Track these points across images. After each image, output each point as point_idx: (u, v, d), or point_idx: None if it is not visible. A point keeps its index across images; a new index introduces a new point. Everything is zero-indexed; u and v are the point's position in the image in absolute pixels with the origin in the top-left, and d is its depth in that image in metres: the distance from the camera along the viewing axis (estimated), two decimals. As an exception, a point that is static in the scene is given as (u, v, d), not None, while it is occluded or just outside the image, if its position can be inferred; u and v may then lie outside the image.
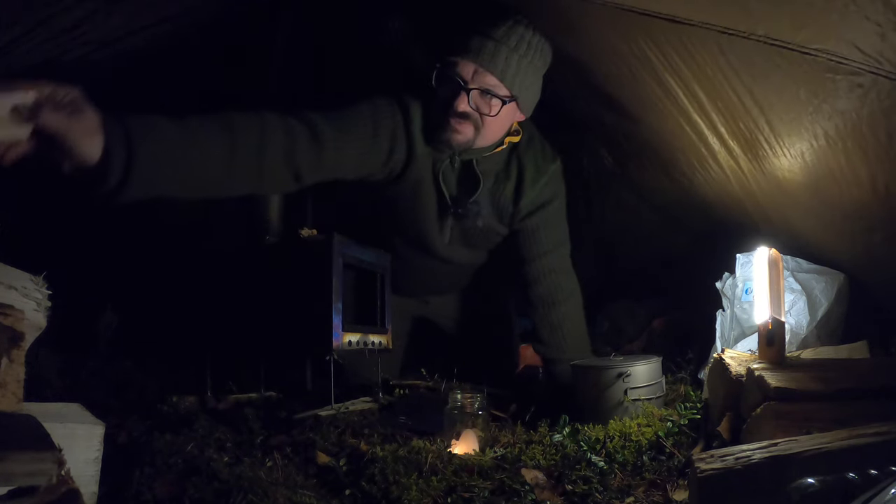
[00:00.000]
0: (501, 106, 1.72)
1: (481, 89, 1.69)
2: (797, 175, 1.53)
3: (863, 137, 1.27)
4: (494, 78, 1.69)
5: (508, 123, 1.84)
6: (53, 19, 1.49)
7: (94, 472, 1.01)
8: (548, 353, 2.08)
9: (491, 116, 1.73)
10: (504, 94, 1.71)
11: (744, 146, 1.59)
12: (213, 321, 1.91)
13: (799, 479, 0.81)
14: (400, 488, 1.24)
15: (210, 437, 1.42)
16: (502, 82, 1.69)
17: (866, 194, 1.39)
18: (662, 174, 2.16)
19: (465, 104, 1.70)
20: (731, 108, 1.48)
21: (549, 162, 1.99)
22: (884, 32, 1.03)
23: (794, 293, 1.75)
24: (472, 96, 1.70)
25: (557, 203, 2.04)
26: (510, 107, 1.76)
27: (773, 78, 1.29)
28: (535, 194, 1.97)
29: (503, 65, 1.68)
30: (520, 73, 1.70)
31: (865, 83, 1.15)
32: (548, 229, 2.03)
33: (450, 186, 1.92)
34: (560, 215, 2.07)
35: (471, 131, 1.75)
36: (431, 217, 1.97)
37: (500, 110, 1.73)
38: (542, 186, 1.97)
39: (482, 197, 1.93)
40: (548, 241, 2.03)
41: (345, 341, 1.76)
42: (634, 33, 1.46)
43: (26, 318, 0.97)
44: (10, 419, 0.87)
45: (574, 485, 1.26)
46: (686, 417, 1.52)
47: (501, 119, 1.77)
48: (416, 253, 2.11)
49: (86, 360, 1.95)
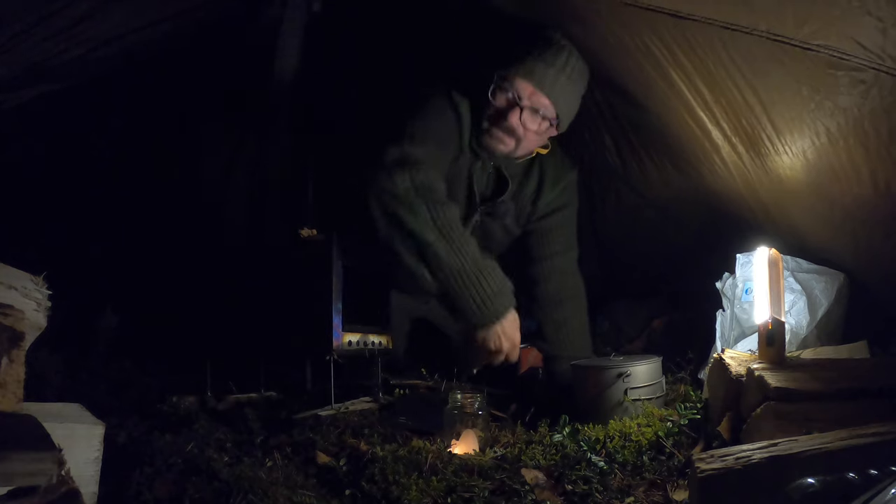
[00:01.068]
0: (549, 126, 1.88)
1: (533, 108, 1.83)
2: (799, 172, 1.53)
3: (864, 134, 1.27)
4: (547, 99, 1.83)
5: (545, 139, 1.98)
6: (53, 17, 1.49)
7: (94, 472, 1.01)
8: (551, 350, 2.12)
9: (534, 132, 1.87)
10: (552, 115, 1.86)
11: (746, 142, 1.60)
12: (214, 321, 1.91)
13: (799, 479, 0.81)
14: (400, 488, 1.24)
15: (210, 437, 1.42)
16: (553, 105, 1.84)
17: (867, 191, 1.39)
18: (666, 166, 2.16)
19: (516, 119, 1.83)
20: (734, 104, 1.49)
21: (568, 169, 2.14)
22: (885, 28, 1.03)
23: (794, 293, 1.74)
24: (524, 114, 1.83)
25: (570, 210, 2.16)
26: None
27: (775, 74, 1.29)
28: (552, 197, 2.09)
29: (558, 90, 1.82)
30: (565, 95, 1.85)
31: (867, 79, 1.15)
32: (559, 232, 2.13)
33: (480, 187, 2.02)
34: (572, 221, 2.18)
35: (513, 143, 1.88)
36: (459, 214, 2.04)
37: (545, 130, 1.89)
38: (560, 191, 2.10)
39: (506, 197, 2.04)
40: (558, 243, 2.13)
41: (345, 341, 1.76)
42: (639, 28, 1.46)
43: (26, 318, 0.97)
44: (10, 419, 0.87)
45: (574, 485, 1.26)
46: (686, 417, 1.51)
47: (541, 135, 1.92)
48: None
49: (86, 360, 1.95)
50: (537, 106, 1.82)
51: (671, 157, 2.11)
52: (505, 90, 1.83)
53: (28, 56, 1.61)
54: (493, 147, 1.89)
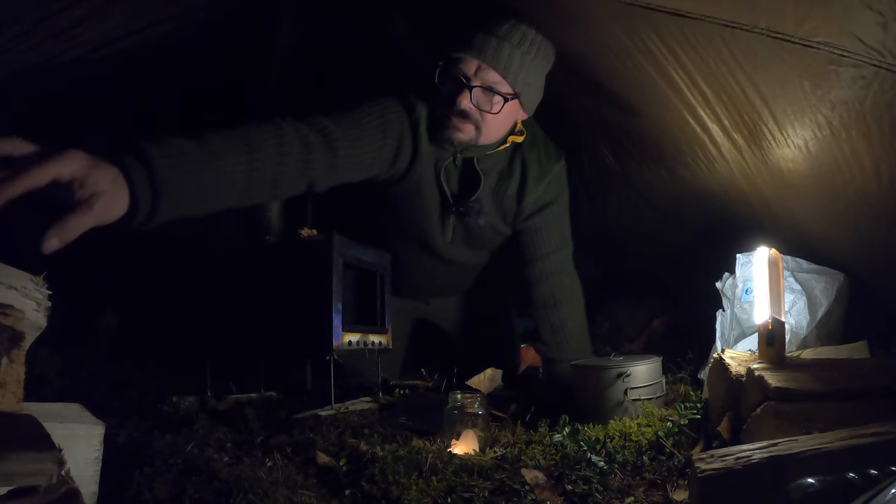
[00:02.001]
0: (504, 103, 1.72)
1: (484, 86, 1.69)
2: (801, 165, 1.53)
3: (867, 126, 1.27)
4: (497, 75, 1.68)
5: (511, 121, 1.84)
6: (54, 18, 1.49)
7: (94, 472, 1.01)
8: (549, 352, 2.09)
9: (493, 114, 1.73)
10: (507, 91, 1.71)
11: (747, 138, 1.60)
12: (214, 321, 1.91)
13: (799, 479, 0.81)
14: (400, 488, 1.24)
15: (210, 437, 1.42)
16: (505, 79, 1.69)
17: (870, 183, 1.39)
18: (665, 169, 2.16)
19: (467, 101, 1.70)
20: (735, 100, 1.49)
21: (553, 162, 2.00)
22: (886, 22, 1.03)
23: (794, 293, 1.75)
24: (474, 93, 1.69)
25: (560, 204, 2.06)
26: (513, 104, 1.76)
27: (776, 70, 1.29)
28: (538, 194, 1.98)
29: (506, 61, 1.67)
30: (522, 70, 1.70)
31: (868, 75, 1.16)
32: (550, 230, 2.04)
33: (451, 185, 1.93)
34: (563, 216, 2.08)
35: (472, 129, 1.75)
36: (433, 216, 1.98)
37: (501, 108, 1.72)
38: (546, 186, 1.98)
39: (484, 195, 1.93)
40: (550, 242, 2.05)
41: (345, 341, 1.76)
42: (638, 27, 1.46)
43: (26, 318, 0.97)
44: (10, 419, 0.86)
45: (574, 485, 1.26)
46: (686, 417, 1.51)
47: (503, 117, 1.76)
48: (419, 253, 2.12)
49: (86, 360, 1.95)
50: (487, 83, 1.68)
51: (666, 162, 2.11)
52: (450, 74, 1.70)
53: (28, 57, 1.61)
54: (454, 137, 1.75)
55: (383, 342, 2.01)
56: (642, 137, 2.08)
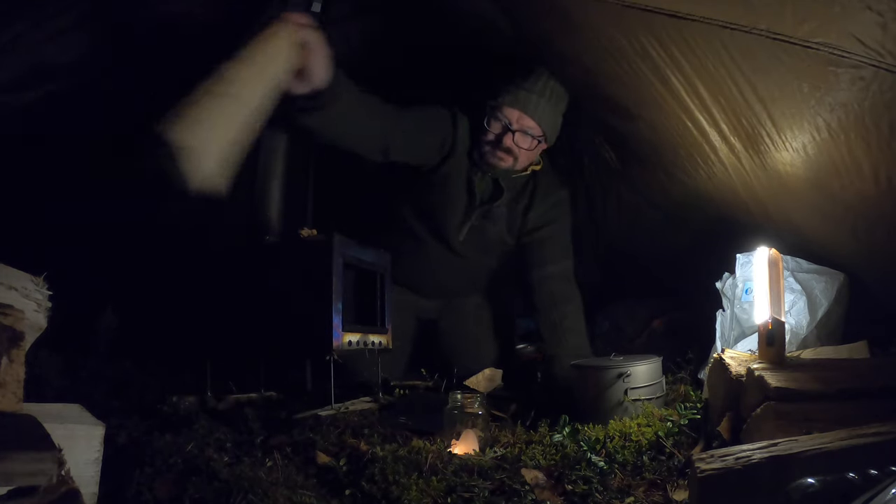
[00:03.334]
0: (537, 144, 2.17)
1: (523, 130, 2.11)
2: (799, 169, 1.53)
3: (865, 129, 1.27)
4: (532, 121, 2.12)
5: (537, 153, 2.27)
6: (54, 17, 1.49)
7: (94, 472, 1.01)
8: (548, 349, 2.22)
9: (527, 150, 2.17)
10: (539, 134, 2.15)
11: (745, 141, 1.59)
12: (214, 321, 1.91)
13: (799, 479, 0.81)
14: (400, 488, 1.24)
15: (210, 437, 1.42)
16: (538, 125, 2.13)
17: (869, 186, 1.39)
18: (664, 173, 2.17)
19: (510, 141, 2.13)
20: (733, 103, 1.48)
21: (558, 188, 2.40)
22: (885, 22, 1.03)
23: (794, 293, 1.74)
24: (516, 136, 2.12)
25: (561, 224, 2.38)
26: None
27: (775, 72, 1.29)
28: (542, 210, 2.33)
29: (540, 112, 2.11)
30: (547, 116, 2.14)
31: (867, 76, 1.15)
32: (552, 244, 2.34)
33: (480, 192, 2.27)
34: (565, 235, 2.38)
35: (511, 160, 2.17)
36: (457, 211, 2.28)
37: (535, 146, 2.18)
38: (550, 205, 2.34)
39: (502, 206, 2.28)
40: (552, 254, 2.33)
41: (345, 341, 1.76)
42: (636, 30, 1.46)
43: (26, 319, 0.97)
44: (10, 419, 0.87)
45: (574, 485, 1.26)
46: (686, 417, 1.51)
47: (533, 151, 2.21)
48: (431, 240, 2.34)
49: (86, 360, 1.95)
50: (526, 128, 2.12)
51: (664, 166, 2.11)
52: (497, 118, 2.13)
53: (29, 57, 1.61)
54: (495, 164, 2.18)
55: (383, 342, 2.02)
56: (640, 142, 2.09)
